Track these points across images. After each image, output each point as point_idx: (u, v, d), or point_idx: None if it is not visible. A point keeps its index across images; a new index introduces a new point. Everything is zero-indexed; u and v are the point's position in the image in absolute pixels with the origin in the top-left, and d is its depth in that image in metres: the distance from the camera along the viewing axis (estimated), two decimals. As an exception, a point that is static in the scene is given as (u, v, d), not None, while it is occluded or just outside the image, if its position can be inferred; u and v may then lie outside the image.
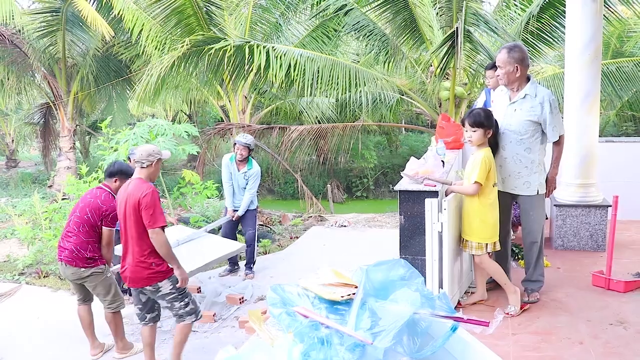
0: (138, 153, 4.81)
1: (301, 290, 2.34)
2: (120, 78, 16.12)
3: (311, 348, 1.94)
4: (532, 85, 4.61)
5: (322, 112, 14.27)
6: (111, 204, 5.27)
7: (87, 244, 5.30)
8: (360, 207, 17.11)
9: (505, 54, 4.54)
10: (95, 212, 5.28)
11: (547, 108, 4.52)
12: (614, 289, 4.94)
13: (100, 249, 5.39)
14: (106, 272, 5.43)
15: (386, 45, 10.79)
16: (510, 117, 4.63)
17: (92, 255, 5.32)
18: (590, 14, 5.83)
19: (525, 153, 4.61)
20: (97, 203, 5.29)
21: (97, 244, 5.36)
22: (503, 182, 4.74)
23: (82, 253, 5.29)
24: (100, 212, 5.28)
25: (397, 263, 2.41)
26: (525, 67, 4.57)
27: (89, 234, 5.31)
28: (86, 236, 5.30)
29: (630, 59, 11.45)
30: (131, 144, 8.60)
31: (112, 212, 5.24)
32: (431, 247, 4.26)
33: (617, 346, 3.98)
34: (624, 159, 7.35)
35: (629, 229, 6.71)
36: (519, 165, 4.64)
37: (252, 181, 7.68)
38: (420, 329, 2.13)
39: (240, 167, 7.67)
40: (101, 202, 5.29)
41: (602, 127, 15.88)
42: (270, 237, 10.17)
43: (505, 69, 4.55)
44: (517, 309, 4.56)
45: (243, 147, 7.53)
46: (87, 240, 5.30)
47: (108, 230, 5.34)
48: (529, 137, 4.58)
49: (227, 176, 7.72)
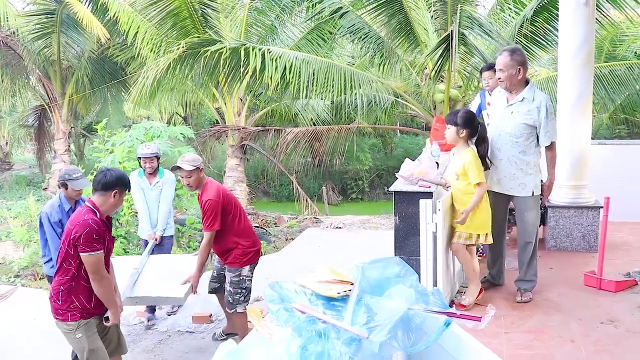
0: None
1: (298, 287, 2.40)
2: (116, 80, 16.13)
3: (309, 341, 2.00)
4: (531, 89, 4.66)
5: (317, 114, 14.33)
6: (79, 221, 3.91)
7: (58, 285, 4.03)
8: (355, 209, 17.17)
9: (508, 57, 4.56)
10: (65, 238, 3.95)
11: (543, 113, 4.57)
12: (605, 289, 5.00)
13: (74, 292, 4.01)
14: (76, 331, 4.04)
15: (381, 47, 10.85)
16: (506, 120, 4.68)
17: (63, 304, 4.04)
18: (583, 18, 5.89)
19: (520, 155, 4.66)
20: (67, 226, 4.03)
21: (71, 282, 3.99)
22: (499, 183, 4.79)
23: (53, 298, 4.09)
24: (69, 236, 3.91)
25: (392, 261, 2.48)
26: (526, 70, 4.63)
27: (60, 268, 4.03)
28: (57, 271, 4.06)
29: (623, 62, 11.55)
30: (127, 146, 8.64)
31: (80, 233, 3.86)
32: (426, 247, 4.31)
33: (608, 344, 4.04)
34: (617, 161, 7.42)
35: (620, 230, 6.78)
36: (514, 167, 4.69)
37: (166, 188, 6.51)
38: (415, 324, 2.20)
39: (151, 180, 6.49)
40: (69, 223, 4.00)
41: (596, 130, 15.97)
42: (266, 239, 10.23)
43: (507, 72, 4.57)
44: (471, 301, 4.65)
45: (150, 159, 6.40)
46: (58, 280, 4.04)
47: (85, 257, 3.88)
48: (524, 140, 4.64)
49: (139, 195, 6.47)
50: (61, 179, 5.10)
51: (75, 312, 4.03)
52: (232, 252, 5.18)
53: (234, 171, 14.22)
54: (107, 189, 4.00)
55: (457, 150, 4.62)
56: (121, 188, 4.07)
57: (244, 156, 14.80)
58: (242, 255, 5.19)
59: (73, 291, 4.00)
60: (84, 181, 5.14)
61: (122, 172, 4.21)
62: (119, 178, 4.07)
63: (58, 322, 4.10)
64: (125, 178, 4.15)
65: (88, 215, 3.92)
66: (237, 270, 5.18)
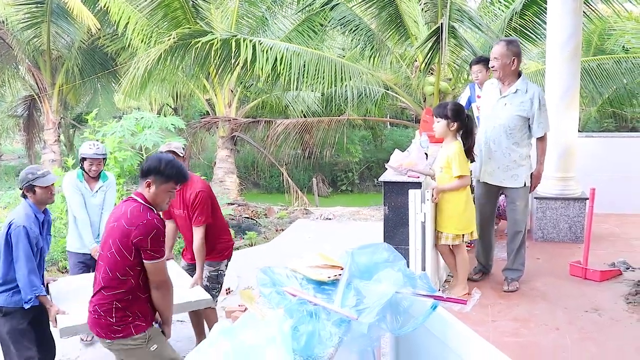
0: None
1: (289, 272, 2.46)
2: (106, 71, 16.07)
3: (300, 322, 2.06)
4: (523, 81, 4.73)
5: (307, 106, 14.37)
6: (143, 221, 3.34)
7: (109, 301, 3.37)
8: (345, 201, 17.25)
9: (505, 47, 4.63)
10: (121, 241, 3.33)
11: (536, 104, 4.64)
12: (591, 279, 5.09)
13: (131, 305, 3.39)
14: (149, 343, 3.45)
15: (372, 40, 10.90)
16: (499, 111, 4.74)
17: (120, 320, 3.37)
18: (570, 11, 5.96)
19: (514, 147, 4.72)
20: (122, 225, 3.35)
21: (127, 295, 3.38)
22: (492, 174, 4.84)
23: (103, 316, 3.39)
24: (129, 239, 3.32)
25: (381, 246, 2.54)
26: (520, 62, 4.71)
27: (112, 280, 3.36)
28: (107, 285, 3.38)
29: (611, 56, 11.66)
30: (118, 136, 8.63)
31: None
32: (415, 237, 4.37)
33: (592, 332, 4.13)
34: (603, 153, 7.51)
35: (606, 221, 6.88)
36: (508, 159, 4.75)
37: (110, 193, 5.56)
38: (403, 307, 2.27)
39: (93, 185, 5.43)
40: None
41: (584, 123, 16.12)
42: (256, 230, 10.27)
43: (502, 61, 4.63)
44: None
45: (98, 161, 5.35)
46: (109, 295, 3.37)
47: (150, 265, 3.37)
48: (517, 131, 4.70)
49: (79, 201, 5.34)
50: (25, 182, 4.19)
51: (139, 322, 3.40)
52: (216, 247, 4.96)
53: (224, 162, 14.25)
54: (168, 179, 3.41)
55: (445, 143, 4.66)
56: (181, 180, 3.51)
57: (234, 147, 14.84)
58: (224, 249, 5.06)
59: (130, 304, 3.38)
60: (52, 176, 4.30)
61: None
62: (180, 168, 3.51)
63: (115, 342, 3.39)
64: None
65: (150, 215, 3.34)
66: (217, 264, 5.00)
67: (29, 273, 4.02)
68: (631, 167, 7.36)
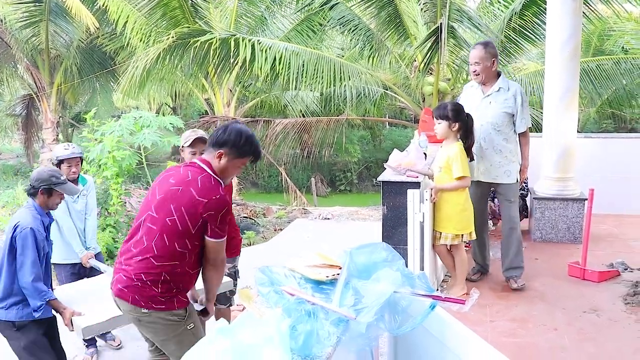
0: None
1: (288, 272, 2.46)
2: (105, 70, 16.01)
3: (298, 321, 2.05)
4: (504, 80, 4.85)
5: (306, 105, 14.34)
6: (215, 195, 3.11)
7: (158, 271, 3.11)
8: (344, 201, 17.24)
9: (483, 50, 4.73)
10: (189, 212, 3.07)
11: (519, 100, 4.77)
12: (589, 279, 5.10)
13: (178, 278, 3.16)
14: (187, 320, 3.24)
15: (371, 39, 10.88)
16: (485, 110, 4.83)
17: (165, 292, 3.13)
18: (570, 12, 5.97)
19: (504, 143, 4.80)
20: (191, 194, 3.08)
21: (176, 269, 3.14)
22: (485, 172, 4.90)
23: (149, 286, 3.12)
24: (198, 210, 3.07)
25: (380, 246, 2.54)
26: (497, 62, 4.82)
27: (168, 251, 3.10)
28: (161, 254, 3.10)
29: (610, 57, 11.64)
30: (116, 135, 8.60)
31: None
32: (413, 237, 4.37)
33: (590, 332, 4.13)
34: (602, 154, 7.51)
35: (605, 222, 6.88)
36: (499, 155, 4.82)
37: (91, 196, 5.24)
38: (401, 307, 2.26)
39: None
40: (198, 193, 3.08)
41: (583, 124, 16.13)
42: (255, 230, 10.26)
43: (483, 64, 4.74)
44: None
45: (76, 161, 4.95)
46: (159, 266, 3.11)
47: (214, 243, 3.17)
48: (505, 127, 4.81)
49: (62, 209, 4.80)
50: (45, 183, 3.92)
51: (182, 296, 3.21)
52: (233, 241, 4.72)
53: (223, 162, 14.18)
54: (244, 155, 3.20)
55: (446, 144, 4.67)
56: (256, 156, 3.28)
57: (233, 147, 14.77)
58: (239, 243, 4.99)
59: (179, 278, 3.16)
60: (70, 185, 4.10)
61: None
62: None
63: (154, 314, 3.13)
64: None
65: (222, 189, 3.11)
66: (234, 260, 4.94)
67: (34, 280, 3.73)
68: (630, 168, 7.37)
